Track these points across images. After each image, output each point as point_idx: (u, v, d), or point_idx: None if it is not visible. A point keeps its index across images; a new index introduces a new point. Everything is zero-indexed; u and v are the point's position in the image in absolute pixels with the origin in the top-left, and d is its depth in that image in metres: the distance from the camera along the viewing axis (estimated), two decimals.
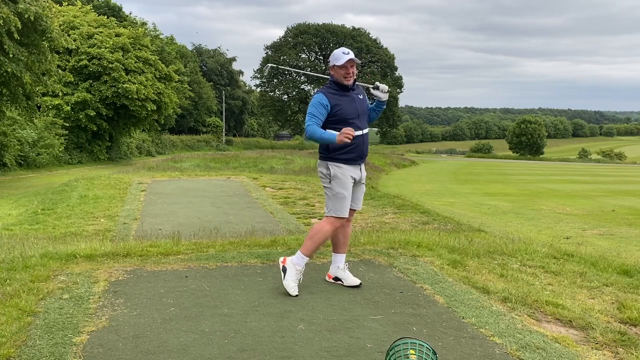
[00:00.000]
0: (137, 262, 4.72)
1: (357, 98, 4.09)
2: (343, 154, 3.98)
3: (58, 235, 7.69)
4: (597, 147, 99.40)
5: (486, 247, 5.52)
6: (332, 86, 4.03)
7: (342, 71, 3.96)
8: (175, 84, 41.59)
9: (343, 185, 3.99)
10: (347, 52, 3.94)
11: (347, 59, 3.90)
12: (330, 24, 61.27)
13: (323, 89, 4.05)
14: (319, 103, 3.93)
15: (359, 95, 4.12)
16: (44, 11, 18.23)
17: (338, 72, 3.98)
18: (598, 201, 19.57)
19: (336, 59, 3.97)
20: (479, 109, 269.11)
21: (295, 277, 3.97)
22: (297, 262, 4.00)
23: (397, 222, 9.33)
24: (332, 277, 4.29)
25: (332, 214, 4.02)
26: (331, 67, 4.02)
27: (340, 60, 3.93)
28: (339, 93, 4.01)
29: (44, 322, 3.32)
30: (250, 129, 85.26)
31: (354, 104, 4.03)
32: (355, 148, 4.00)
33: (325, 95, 3.97)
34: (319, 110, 3.93)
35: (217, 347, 3.05)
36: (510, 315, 3.60)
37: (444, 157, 75.56)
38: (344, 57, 3.92)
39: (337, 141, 3.78)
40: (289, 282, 3.95)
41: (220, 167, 22.52)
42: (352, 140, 3.81)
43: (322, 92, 4.00)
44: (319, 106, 3.93)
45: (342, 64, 3.92)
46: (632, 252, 8.01)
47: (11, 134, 26.84)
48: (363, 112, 4.10)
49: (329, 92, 4.00)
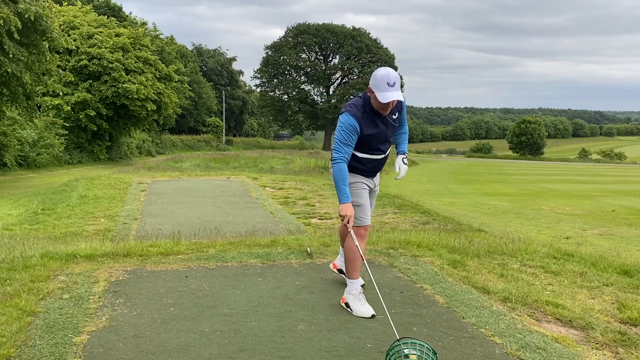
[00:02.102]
0: (137, 262, 4.72)
1: (389, 122, 3.66)
2: (360, 171, 3.76)
3: (58, 235, 7.69)
4: (597, 147, 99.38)
5: (486, 247, 5.52)
6: (366, 107, 3.56)
7: (381, 105, 3.49)
8: (175, 84, 41.56)
9: (359, 194, 3.74)
10: (392, 84, 3.40)
11: (390, 100, 3.42)
12: (331, 24, 61.27)
13: (353, 108, 3.56)
14: (351, 127, 3.50)
15: (393, 116, 3.67)
16: (44, 11, 18.22)
17: (376, 102, 3.48)
18: (598, 201, 19.57)
19: (377, 89, 3.43)
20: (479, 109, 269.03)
21: (357, 302, 3.69)
22: (352, 289, 3.75)
23: (397, 222, 9.33)
24: (337, 268, 4.26)
25: (355, 223, 3.67)
26: (369, 89, 3.51)
27: (381, 96, 3.42)
28: (371, 117, 3.56)
29: (44, 322, 3.32)
30: (250, 129, 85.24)
31: (384, 130, 3.64)
32: (372, 168, 3.78)
33: (355, 118, 3.52)
34: (350, 137, 3.51)
35: (217, 347, 3.05)
36: (511, 315, 3.60)
37: (444, 157, 75.57)
38: (387, 94, 3.41)
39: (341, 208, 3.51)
40: (357, 308, 3.66)
41: (220, 167, 22.52)
42: (372, 162, 3.70)
43: (355, 115, 3.52)
44: (351, 131, 3.51)
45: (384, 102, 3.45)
46: (632, 252, 8.01)
47: (11, 134, 26.82)
48: (392, 135, 3.77)
49: (362, 113, 3.55)
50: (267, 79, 62.43)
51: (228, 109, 74.60)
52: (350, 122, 3.50)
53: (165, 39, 54.77)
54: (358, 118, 3.52)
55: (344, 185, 3.53)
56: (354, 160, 3.68)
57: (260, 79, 62.98)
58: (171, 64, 44.91)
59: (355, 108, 3.56)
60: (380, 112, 3.55)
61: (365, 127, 3.54)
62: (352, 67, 60.96)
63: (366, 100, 3.57)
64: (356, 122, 3.51)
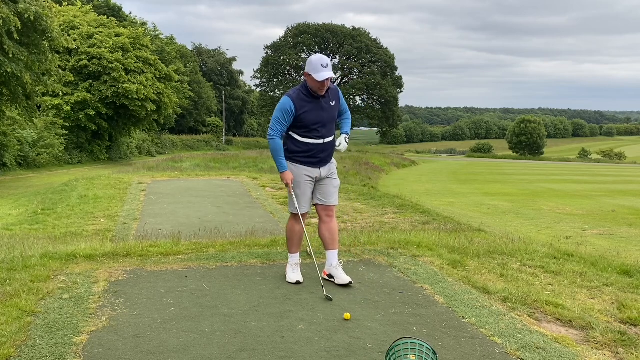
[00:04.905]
0: (137, 262, 4.72)
1: (326, 105, 4.03)
2: (301, 157, 4.12)
3: (58, 235, 7.70)
4: (597, 147, 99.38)
5: (486, 247, 5.52)
6: (303, 91, 3.99)
7: (317, 84, 3.89)
8: (175, 84, 41.58)
9: (296, 184, 4.17)
10: (325, 65, 3.83)
11: (325, 78, 3.83)
12: (331, 24, 61.28)
13: (293, 92, 4.01)
14: (286, 109, 3.94)
15: (330, 102, 4.05)
16: (44, 11, 18.22)
17: (312, 82, 3.90)
18: (598, 201, 19.58)
19: (313, 70, 3.85)
20: (479, 109, 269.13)
21: (291, 270, 4.32)
22: (290, 261, 4.38)
23: (397, 222, 9.33)
24: (327, 274, 4.36)
25: (290, 210, 4.34)
26: (306, 74, 3.93)
27: (317, 75, 3.83)
28: (308, 99, 3.97)
29: (44, 322, 3.32)
30: (250, 129, 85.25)
31: (321, 112, 4.00)
32: (314, 154, 4.09)
33: (292, 100, 3.94)
34: (284, 117, 3.96)
35: (217, 347, 3.05)
36: (510, 315, 3.60)
37: (444, 157, 75.55)
38: (322, 73, 3.82)
39: (281, 176, 4.14)
40: (288, 275, 4.31)
41: (220, 167, 22.53)
42: (311, 147, 4.06)
43: (290, 96, 3.97)
44: (286, 112, 3.95)
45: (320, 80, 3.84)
46: (632, 252, 8.01)
47: (11, 134, 26.83)
48: (330, 120, 4.08)
49: (299, 96, 3.96)
50: (267, 79, 62.42)
51: (228, 109, 74.61)
52: (286, 103, 3.95)
53: (165, 39, 54.81)
54: (293, 99, 3.95)
55: (280, 157, 4.08)
56: (295, 144, 4.10)
57: (260, 79, 63.00)
58: (171, 64, 44.95)
59: (292, 91, 4.03)
60: (317, 94, 3.96)
61: (299, 108, 3.95)
62: (352, 67, 60.97)
63: (304, 85, 4.01)
64: (291, 102, 3.94)
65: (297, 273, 4.26)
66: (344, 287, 4.15)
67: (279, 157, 4.06)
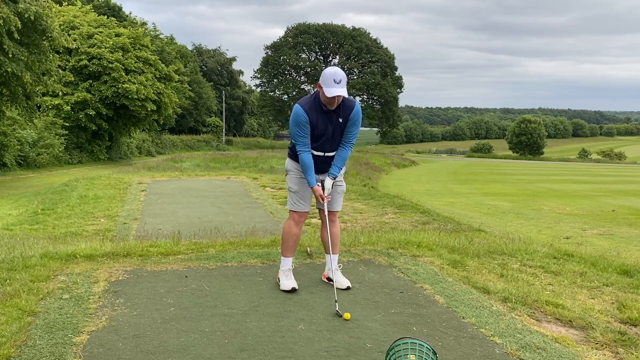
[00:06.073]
0: (137, 262, 4.71)
1: (335, 120, 3.96)
2: None
3: (58, 235, 7.69)
4: (597, 147, 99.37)
5: (486, 247, 5.52)
6: (316, 101, 3.91)
7: (327, 99, 3.82)
8: (175, 84, 41.54)
9: (294, 180, 4.17)
10: (338, 81, 3.74)
11: (334, 95, 3.74)
12: (331, 24, 61.27)
13: (305, 101, 3.94)
14: (300, 122, 3.87)
15: (339, 119, 3.97)
16: (44, 11, 18.22)
17: (323, 95, 3.83)
18: (598, 201, 19.58)
19: (325, 84, 3.78)
20: (479, 109, 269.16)
21: (284, 277, 4.15)
22: (282, 265, 4.20)
23: (397, 222, 9.33)
24: (326, 277, 4.33)
25: (287, 207, 4.30)
26: (318, 85, 3.87)
27: (327, 90, 3.76)
28: (319, 110, 3.91)
29: (44, 322, 3.32)
30: (250, 129, 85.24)
31: (329, 127, 3.94)
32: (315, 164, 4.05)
33: (305, 110, 3.87)
34: (303, 129, 3.89)
35: (217, 347, 3.05)
36: (511, 315, 3.60)
37: (444, 157, 75.55)
38: (333, 89, 3.74)
39: (312, 190, 4.06)
40: (282, 282, 4.13)
41: (220, 167, 22.53)
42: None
43: (304, 106, 3.88)
44: (302, 125, 3.88)
45: (330, 96, 3.77)
46: (632, 252, 8.01)
47: (11, 134, 26.82)
48: (336, 135, 4.01)
49: (311, 106, 3.90)
50: (267, 79, 62.45)
51: (228, 109, 74.60)
52: (299, 113, 3.88)
53: (165, 39, 54.80)
54: (305, 109, 3.89)
55: (307, 173, 4.00)
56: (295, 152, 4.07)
57: (260, 79, 63.03)
58: (171, 64, 44.93)
59: (304, 100, 3.97)
60: (327, 108, 3.89)
61: (311, 117, 3.89)
62: (352, 67, 60.96)
63: (317, 95, 3.94)
64: (304, 112, 3.88)
65: (291, 279, 4.13)
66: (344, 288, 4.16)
67: (306, 173, 3.99)
